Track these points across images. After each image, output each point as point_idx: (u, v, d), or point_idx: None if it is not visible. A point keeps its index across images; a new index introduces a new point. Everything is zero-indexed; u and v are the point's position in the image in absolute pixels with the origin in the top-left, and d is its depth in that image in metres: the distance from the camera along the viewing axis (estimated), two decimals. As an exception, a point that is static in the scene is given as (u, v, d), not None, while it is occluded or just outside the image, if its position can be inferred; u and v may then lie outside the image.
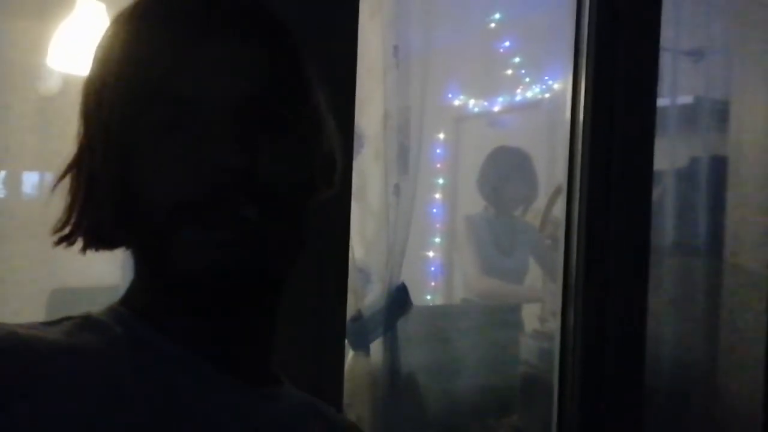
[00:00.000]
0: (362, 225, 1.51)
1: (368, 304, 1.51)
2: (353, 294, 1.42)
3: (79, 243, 0.63)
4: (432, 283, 3.18)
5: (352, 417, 1.47)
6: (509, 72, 3.13)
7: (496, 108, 3.33)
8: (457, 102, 3.42)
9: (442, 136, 3.29)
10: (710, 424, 1.99)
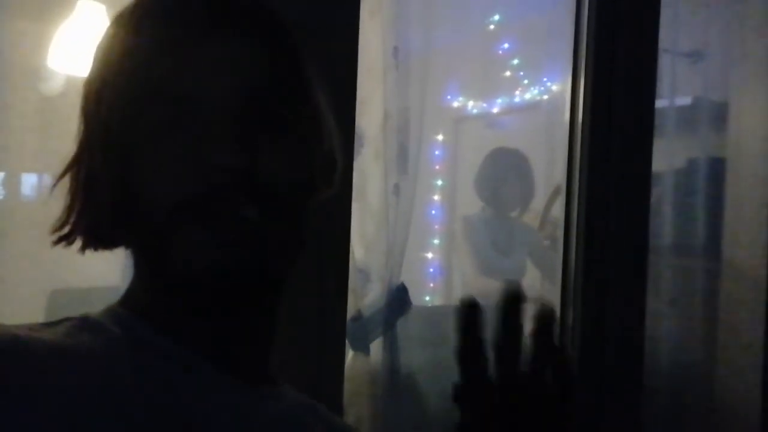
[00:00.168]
0: (362, 225, 1.51)
1: (368, 304, 1.51)
2: (353, 294, 1.42)
3: (78, 242, 0.62)
4: (431, 284, 3.18)
5: (352, 417, 1.47)
6: (508, 73, 3.13)
7: (495, 109, 3.33)
8: (456, 103, 3.42)
9: (441, 138, 3.29)
10: (708, 424, 1.99)
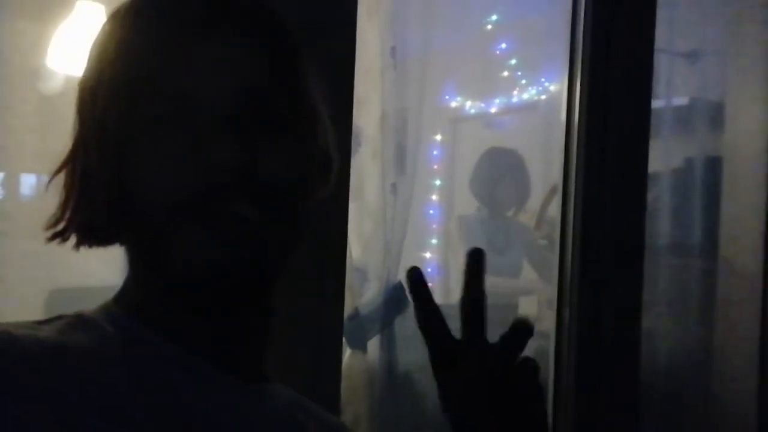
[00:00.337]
0: (359, 224, 1.51)
1: (365, 303, 1.51)
2: (350, 292, 1.42)
3: (73, 239, 0.61)
4: (429, 284, 3.18)
5: (350, 414, 1.48)
6: (506, 74, 3.13)
7: (493, 109, 3.33)
8: (454, 103, 3.41)
9: (439, 138, 3.29)
10: (704, 423, 2.00)
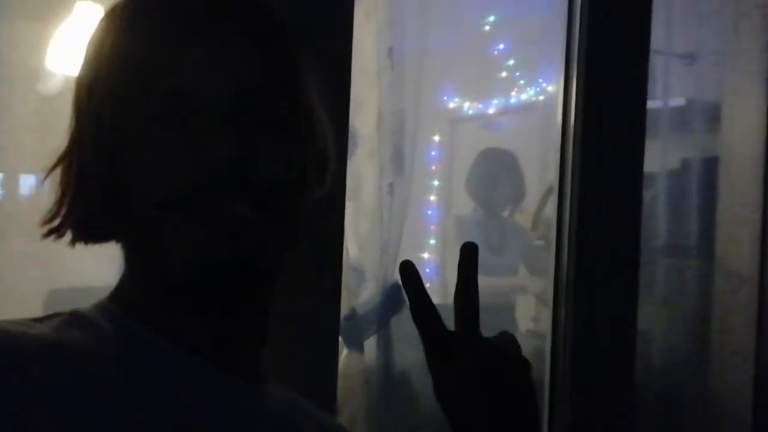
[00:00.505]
0: (356, 223, 1.51)
1: (362, 302, 1.51)
2: (347, 292, 1.42)
3: (68, 236, 0.62)
4: (427, 284, 3.18)
5: (346, 415, 1.48)
6: (504, 74, 3.14)
7: (491, 110, 3.33)
8: (452, 104, 3.41)
9: (438, 138, 3.29)
10: (700, 425, 2.00)
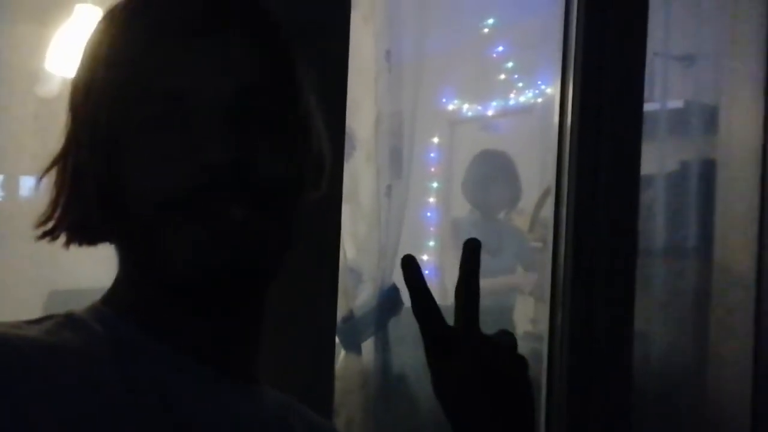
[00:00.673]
0: (354, 226, 1.51)
1: (360, 305, 1.51)
2: (345, 294, 1.42)
3: (63, 238, 0.61)
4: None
5: (344, 417, 1.48)
6: (502, 77, 3.14)
7: (490, 112, 3.34)
8: (452, 106, 3.41)
9: (437, 140, 3.28)
10: (699, 425, 2.00)
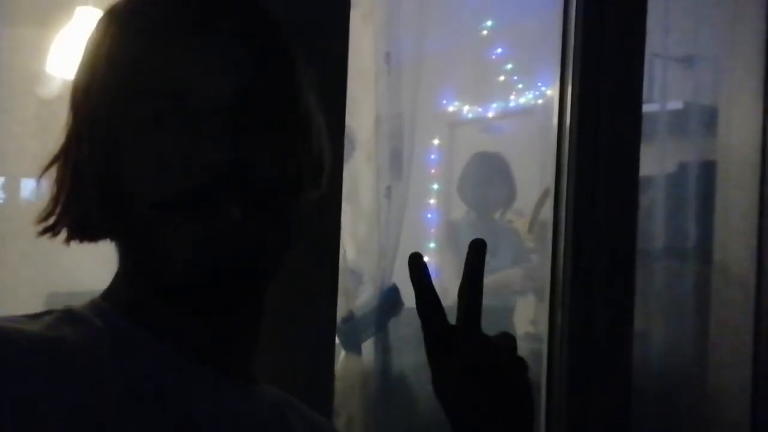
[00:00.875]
0: (354, 226, 1.51)
1: (360, 305, 1.51)
2: (345, 295, 1.42)
3: (63, 234, 0.61)
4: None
5: (344, 417, 1.49)
6: (502, 78, 3.14)
7: (490, 114, 3.34)
8: (452, 108, 3.41)
9: (437, 142, 3.29)
10: (698, 425, 2.00)
